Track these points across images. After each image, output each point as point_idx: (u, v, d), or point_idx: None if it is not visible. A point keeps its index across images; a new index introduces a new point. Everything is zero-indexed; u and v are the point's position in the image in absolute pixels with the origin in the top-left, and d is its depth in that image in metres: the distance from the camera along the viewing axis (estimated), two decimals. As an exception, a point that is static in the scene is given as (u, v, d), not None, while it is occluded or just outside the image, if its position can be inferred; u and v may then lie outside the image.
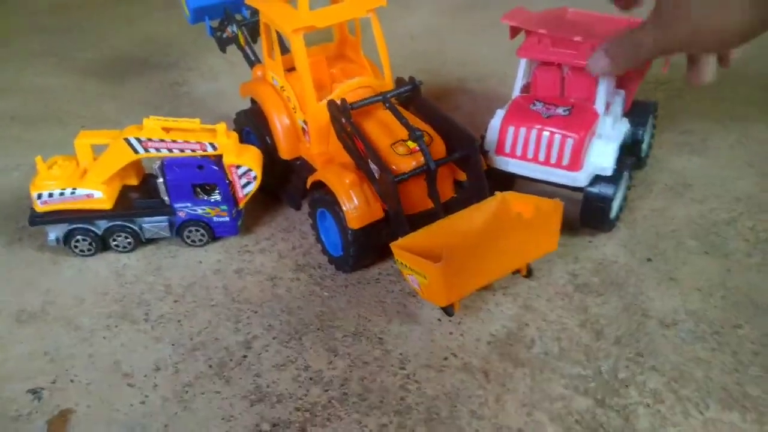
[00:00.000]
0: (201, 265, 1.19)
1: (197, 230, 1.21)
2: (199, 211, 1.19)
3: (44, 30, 2.07)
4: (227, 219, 1.21)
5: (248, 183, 1.19)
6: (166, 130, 1.15)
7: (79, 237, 1.18)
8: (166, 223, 1.20)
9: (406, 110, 1.19)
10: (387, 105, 1.14)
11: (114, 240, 1.20)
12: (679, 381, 0.94)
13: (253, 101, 1.33)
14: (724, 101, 1.59)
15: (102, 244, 1.20)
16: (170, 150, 1.15)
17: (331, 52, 1.33)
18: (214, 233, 1.22)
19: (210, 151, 1.15)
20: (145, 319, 1.08)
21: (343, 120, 1.11)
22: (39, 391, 0.96)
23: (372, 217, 1.10)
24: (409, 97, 1.20)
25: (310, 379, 0.97)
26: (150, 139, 1.14)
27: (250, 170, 1.18)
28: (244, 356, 1.01)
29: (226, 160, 1.16)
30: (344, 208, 1.08)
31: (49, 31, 2.07)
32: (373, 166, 1.07)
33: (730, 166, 1.38)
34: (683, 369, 0.96)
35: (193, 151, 1.15)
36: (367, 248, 1.12)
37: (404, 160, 1.08)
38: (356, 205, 1.08)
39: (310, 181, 1.17)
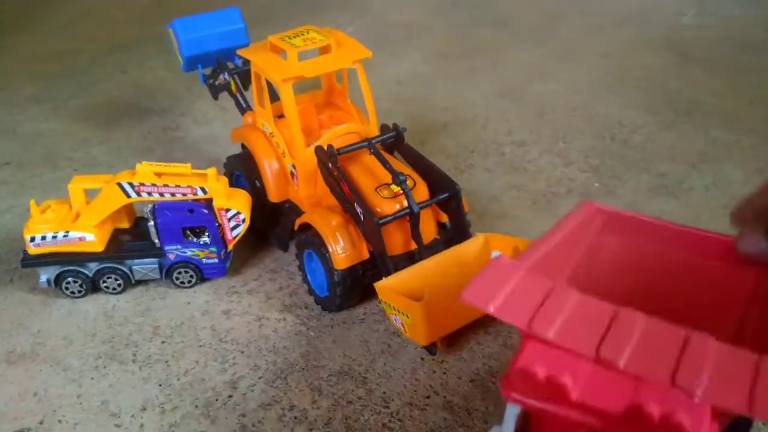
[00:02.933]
0: (189, 306, 1.21)
1: (186, 272, 1.24)
2: (189, 253, 1.22)
3: (40, 76, 2.12)
4: (216, 261, 1.24)
5: (237, 225, 1.22)
6: (158, 174, 1.18)
7: (69, 279, 1.21)
8: (156, 265, 1.23)
9: (390, 155, 1.23)
10: (372, 150, 1.19)
11: (104, 282, 1.22)
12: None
13: (243, 146, 1.37)
14: (697, 144, 1.65)
15: (92, 286, 1.23)
16: (161, 194, 1.19)
17: (319, 100, 1.39)
18: (203, 275, 1.25)
19: (200, 194, 1.19)
20: (133, 359, 1.10)
21: (330, 165, 1.15)
22: (27, 432, 0.98)
23: (357, 258, 1.13)
24: (393, 143, 1.25)
25: (295, 418, 0.99)
26: (142, 184, 1.18)
27: (239, 213, 1.21)
28: (230, 396, 1.03)
29: (216, 204, 1.20)
30: (330, 250, 1.11)
31: (46, 77, 2.12)
32: (358, 209, 1.11)
33: (705, 207, 1.43)
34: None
35: (183, 195, 1.19)
36: (353, 289, 1.15)
37: (388, 203, 1.11)
38: (342, 246, 1.12)
39: (297, 223, 1.20)
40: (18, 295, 1.24)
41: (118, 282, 1.22)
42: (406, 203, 1.11)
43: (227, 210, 1.20)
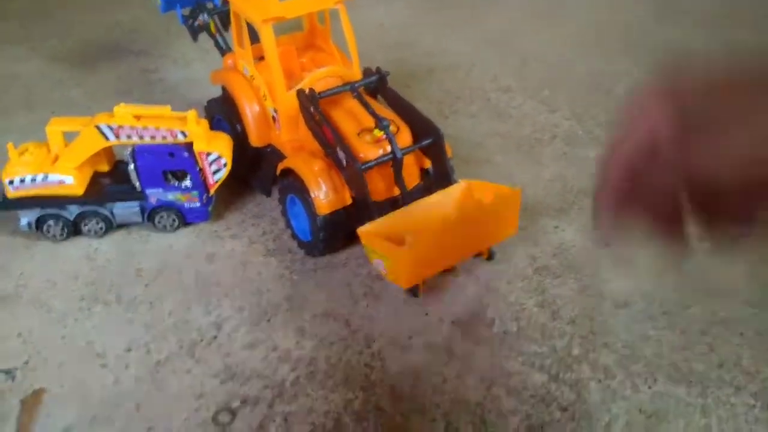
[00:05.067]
0: (172, 249, 1.21)
1: (168, 216, 1.23)
2: (170, 197, 1.21)
3: (15, 16, 2.06)
4: (198, 205, 1.23)
5: (219, 170, 1.21)
6: (137, 117, 1.16)
7: (50, 222, 1.20)
8: (138, 209, 1.22)
9: (373, 99, 1.22)
10: (354, 94, 1.17)
11: (86, 225, 1.21)
12: (630, 358, 0.99)
13: (224, 89, 1.35)
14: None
15: (74, 229, 1.22)
16: (141, 137, 1.17)
17: (301, 42, 1.36)
18: (185, 219, 1.24)
19: (180, 138, 1.17)
20: (117, 301, 1.10)
21: (312, 109, 1.13)
22: (12, 372, 0.98)
23: (340, 204, 1.13)
24: (376, 86, 1.24)
25: (279, 358, 1.00)
26: (121, 126, 1.16)
27: (220, 157, 1.20)
28: (215, 337, 1.04)
29: (197, 147, 1.18)
30: (312, 195, 1.11)
31: (20, 17, 2.06)
32: (340, 154, 1.10)
33: (686, 155, 1.44)
34: (634, 347, 1.01)
35: (163, 138, 1.17)
36: (336, 233, 1.15)
37: (371, 148, 1.11)
38: (324, 191, 1.11)
39: (279, 168, 1.20)
40: (0, 238, 1.23)
41: (99, 225, 1.22)
42: (389, 148, 1.10)
43: (208, 154, 1.19)
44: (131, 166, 1.19)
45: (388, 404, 0.93)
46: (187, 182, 1.21)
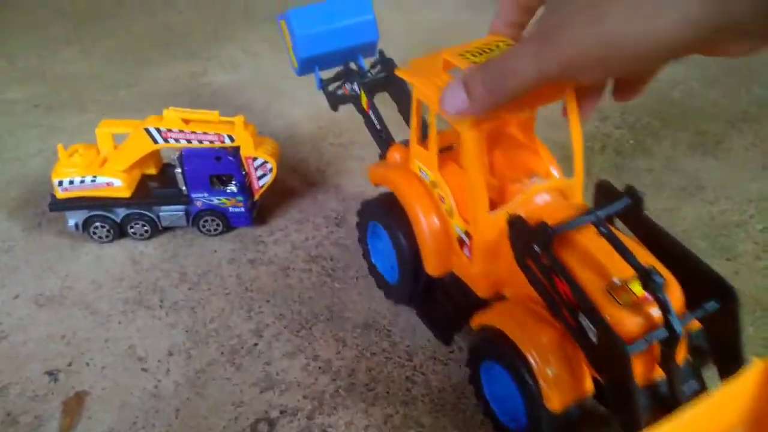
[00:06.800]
0: (216, 254, 1.21)
1: (213, 220, 1.23)
2: (216, 202, 1.22)
3: (68, 17, 2.11)
4: (242, 210, 1.23)
5: (264, 175, 1.21)
6: (186, 121, 1.17)
7: (97, 224, 1.21)
8: (183, 212, 1.23)
9: (614, 227, 0.84)
10: (602, 229, 0.79)
11: (132, 227, 1.23)
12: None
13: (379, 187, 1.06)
14: (740, 102, 1.59)
15: (120, 231, 1.23)
16: (189, 141, 1.17)
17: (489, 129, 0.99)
18: (229, 223, 1.25)
19: (228, 142, 1.17)
20: (160, 305, 1.11)
21: (539, 249, 0.78)
22: (56, 373, 0.99)
23: (578, 396, 0.79)
24: (623, 213, 0.84)
25: (319, 368, 0.99)
26: (170, 130, 1.16)
27: (266, 162, 1.20)
28: (255, 344, 1.03)
29: (244, 152, 1.18)
30: (540, 381, 0.78)
31: (73, 18, 2.10)
32: (585, 322, 0.74)
33: (744, 168, 1.38)
34: (687, 369, 0.96)
35: (211, 142, 1.17)
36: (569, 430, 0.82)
37: (630, 316, 0.72)
38: (556, 375, 0.77)
39: (477, 321, 0.89)
40: (47, 239, 1.25)
41: (145, 228, 1.23)
42: (658, 317, 0.72)
43: (254, 159, 1.19)
44: (178, 170, 1.20)
45: (430, 420, 0.91)
46: (233, 187, 1.21)
